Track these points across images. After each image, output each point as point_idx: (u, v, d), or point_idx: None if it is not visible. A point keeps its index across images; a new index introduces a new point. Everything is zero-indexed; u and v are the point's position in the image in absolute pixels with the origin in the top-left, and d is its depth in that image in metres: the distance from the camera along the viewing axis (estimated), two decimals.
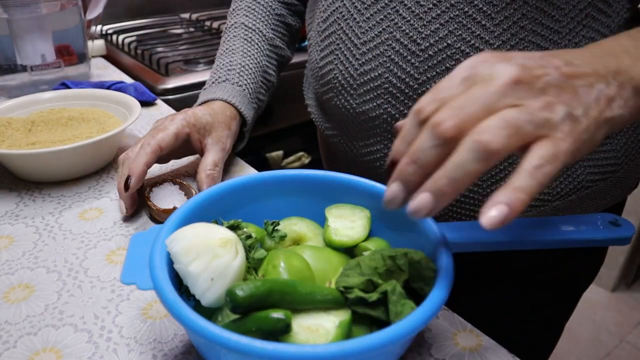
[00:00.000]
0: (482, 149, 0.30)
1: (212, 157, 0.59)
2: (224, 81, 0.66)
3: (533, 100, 0.32)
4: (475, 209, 0.55)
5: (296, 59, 1.19)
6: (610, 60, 0.35)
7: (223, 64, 0.68)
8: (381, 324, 0.35)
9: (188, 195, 0.58)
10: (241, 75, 0.66)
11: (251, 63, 0.68)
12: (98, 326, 0.43)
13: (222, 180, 0.55)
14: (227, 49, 0.70)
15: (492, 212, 0.30)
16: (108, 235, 0.54)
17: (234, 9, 0.73)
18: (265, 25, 0.71)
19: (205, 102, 0.65)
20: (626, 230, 0.43)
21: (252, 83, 0.67)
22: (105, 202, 0.60)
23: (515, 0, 0.47)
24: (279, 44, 0.72)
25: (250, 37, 0.69)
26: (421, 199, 0.32)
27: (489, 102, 0.31)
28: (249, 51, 0.69)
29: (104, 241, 0.53)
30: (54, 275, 0.48)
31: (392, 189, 0.34)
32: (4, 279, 0.48)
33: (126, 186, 0.54)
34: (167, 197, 0.58)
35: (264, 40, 0.70)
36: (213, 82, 0.67)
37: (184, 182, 0.60)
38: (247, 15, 0.71)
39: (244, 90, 0.66)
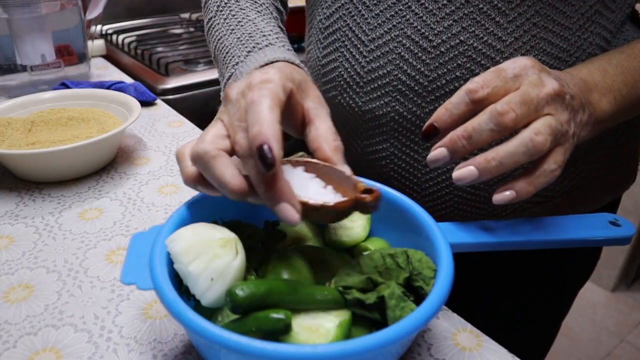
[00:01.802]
0: (532, 147, 0.37)
1: (327, 124, 0.41)
2: (266, 46, 0.50)
3: (562, 114, 0.39)
4: (481, 207, 0.55)
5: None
6: (586, 92, 0.43)
7: (250, 32, 0.52)
8: (381, 324, 0.35)
9: (324, 176, 0.38)
10: (281, 40, 0.51)
11: (280, 32, 0.54)
12: (98, 326, 0.43)
13: None
14: (240, 20, 0.55)
15: (507, 193, 0.39)
16: (108, 235, 0.54)
17: None
18: (268, 3, 0.60)
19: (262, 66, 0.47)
20: (626, 230, 0.43)
21: (291, 49, 0.52)
22: (105, 202, 0.60)
23: None
24: (281, 26, 0.63)
25: (260, 10, 0.57)
26: (469, 170, 0.38)
27: (539, 105, 0.38)
28: (270, 21, 0.55)
29: (104, 241, 0.53)
30: (54, 275, 0.48)
31: (439, 152, 0.39)
32: (4, 279, 0.48)
33: (266, 163, 0.33)
34: (297, 186, 0.36)
35: (273, 19, 0.58)
36: (251, 51, 0.50)
37: (306, 160, 0.39)
38: None
39: (293, 52, 0.50)
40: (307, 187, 0.36)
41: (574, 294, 0.71)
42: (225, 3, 0.58)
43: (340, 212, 0.35)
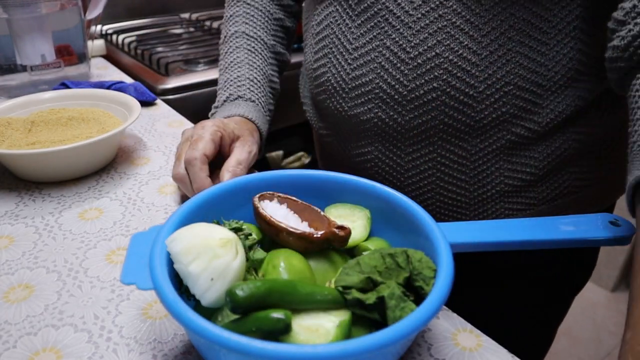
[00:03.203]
0: None
1: (236, 156, 0.56)
2: (236, 99, 0.65)
3: None
4: (461, 211, 0.56)
5: (296, 58, 1.19)
6: None
7: (232, 79, 0.66)
8: (381, 324, 0.35)
9: (302, 213, 0.44)
10: (252, 91, 0.65)
11: (259, 76, 0.67)
12: (98, 326, 0.43)
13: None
14: (232, 61, 0.68)
15: None
16: (108, 235, 0.54)
17: (231, 15, 0.71)
18: (266, 32, 0.69)
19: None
20: (626, 230, 0.43)
21: (263, 96, 0.67)
22: (105, 202, 0.60)
23: (502, 13, 0.47)
24: (279, 50, 0.71)
25: (254, 47, 0.68)
26: None
27: None
28: (255, 62, 0.67)
29: (104, 241, 0.53)
30: (54, 275, 0.48)
31: None
32: (4, 279, 0.48)
33: None
34: (281, 218, 0.43)
35: (266, 49, 0.69)
36: (225, 100, 0.65)
37: (288, 197, 0.45)
38: (247, 23, 0.69)
39: (257, 105, 0.65)
40: (288, 221, 0.42)
41: (569, 299, 0.71)
42: (229, 37, 0.69)
43: (317, 242, 0.40)
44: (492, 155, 0.53)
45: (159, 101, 0.89)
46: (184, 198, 0.61)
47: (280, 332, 0.33)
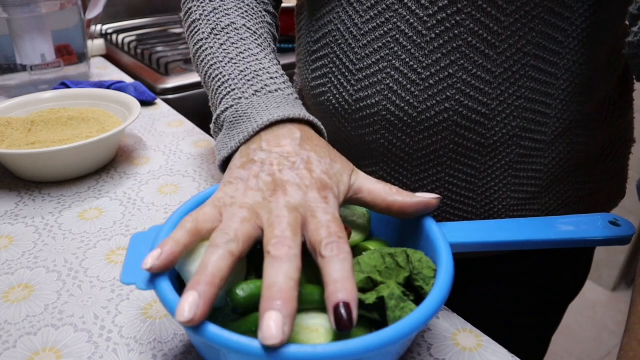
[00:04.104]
0: None
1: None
2: (276, 90, 0.47)
3: None
4: (469, 211, 0.56)
5: (290, 59, 1.19)
6: None
7: (258, 70, 0.49)
8: (381, 324, 0.35)
9: None
10: (287, 86, 0.48)
11: (284, 73, 0.51)
12: (98, 326, 0.43)
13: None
14: (245, 50, 0.51)
15: None
16: (108, 235, 0.54)
17: (218, 8, 0.55)
18: (267, 34, 0.56)
19: (272, 123, 0.43)
20: (626, 230, 0.43)
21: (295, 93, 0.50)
22: (105, 202, 0.60)
23: (522, 29, 0.46)
24: (279, 60, 0.59)
25: (260, 43, 0.54)
26: None
27: None
28: (273, 60, 0.52)
29: (104, 241, 0.53)
30: (54, 275, 0.48)
31: None
32: (4, 279, 0.48)
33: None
34: None
35: (273, 52, 0.55)
36: (260, 90, 0.47)
37: None
38: (244, 17, 0.55)
39: (301, 104, 0.48)
40: None
41: (563, 307, 0.71)
42: (222, 28, 0.54)
43: None
44: (500, 171, 0.52)
45: (159, 101, 0.89)
46: (184, 198, 0.61)
47: None
